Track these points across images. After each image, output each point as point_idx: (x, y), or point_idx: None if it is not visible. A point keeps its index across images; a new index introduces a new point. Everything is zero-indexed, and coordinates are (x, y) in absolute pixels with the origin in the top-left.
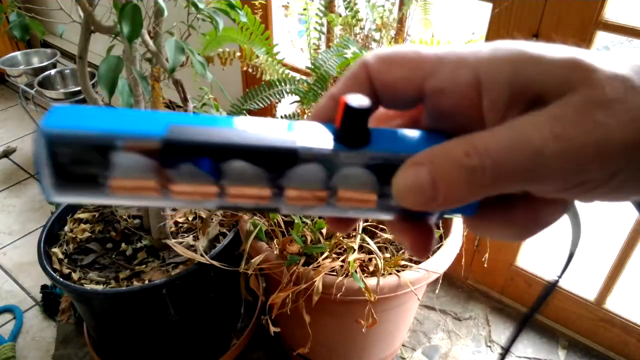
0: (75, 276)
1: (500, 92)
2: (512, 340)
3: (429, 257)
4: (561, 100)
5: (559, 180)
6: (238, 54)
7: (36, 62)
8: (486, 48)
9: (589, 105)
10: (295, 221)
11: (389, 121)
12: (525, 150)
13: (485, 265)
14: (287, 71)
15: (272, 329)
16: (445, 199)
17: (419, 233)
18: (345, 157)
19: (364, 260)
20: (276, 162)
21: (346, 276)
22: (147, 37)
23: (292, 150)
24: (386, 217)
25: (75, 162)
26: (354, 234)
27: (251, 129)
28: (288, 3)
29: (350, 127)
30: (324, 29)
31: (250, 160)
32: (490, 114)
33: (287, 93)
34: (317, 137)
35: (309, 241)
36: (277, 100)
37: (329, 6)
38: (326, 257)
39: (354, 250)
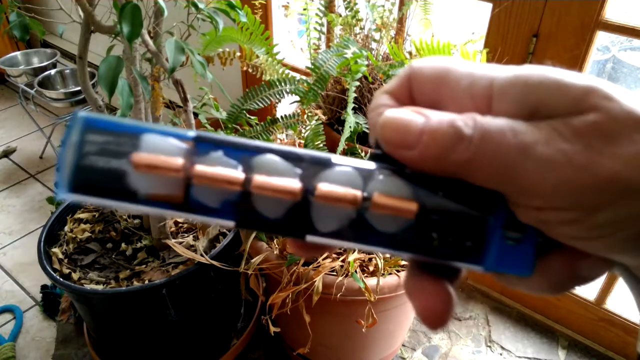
0: (75, 276)
1: (508, 108)
2: None
3: (439, 329)
4: (566, 118)
5: (534, 192)
6: (238, 54)
7: (36, 62)
8: (509, 68)
9: (592, 130)
10: None
11: None
12: (513, 144)
13: None
14: (287, 71)
15: (272, 329)
16: (421, 153)
17: (434, 295)
18: (383, 169)
19: (363, 260)
20: (309, 163)
21: (346, 276)
22: (147, 37)
23: (326, 158)
24: (406, 255)
25: (103, 151)
26: None
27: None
28: (288, 3)
29: None
30: (324, 29)
31: (283, 157)
32: None
33: (287, 93)
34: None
35: None
36: (277, 100)
37: (329, 6)
38: (326, 257)
39: (354, 250)
